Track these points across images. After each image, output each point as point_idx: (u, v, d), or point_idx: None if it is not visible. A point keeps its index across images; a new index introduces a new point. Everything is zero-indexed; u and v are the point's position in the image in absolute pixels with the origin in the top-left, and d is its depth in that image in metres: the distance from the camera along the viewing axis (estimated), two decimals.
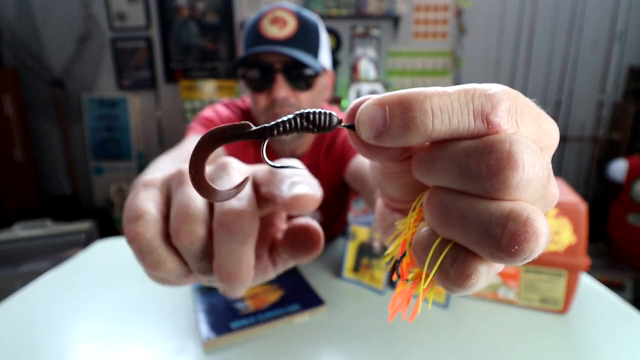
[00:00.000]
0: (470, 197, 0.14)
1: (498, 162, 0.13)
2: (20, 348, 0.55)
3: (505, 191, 0.13)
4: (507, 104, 0.14)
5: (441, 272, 0.15)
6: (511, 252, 0.13)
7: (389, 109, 0.15)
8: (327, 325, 0.60)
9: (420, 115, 0.14)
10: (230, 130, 0.17)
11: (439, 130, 0.14)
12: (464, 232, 0.14)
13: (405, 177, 0.19)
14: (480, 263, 0.15)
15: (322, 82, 0.78)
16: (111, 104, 2.81)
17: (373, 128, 0.15)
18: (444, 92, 0.14)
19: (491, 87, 0.14)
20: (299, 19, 0.72)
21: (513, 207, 0.13)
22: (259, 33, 0.71)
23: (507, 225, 0.13)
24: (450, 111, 0.14)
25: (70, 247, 1.84)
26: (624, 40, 2.59)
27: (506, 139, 0.13)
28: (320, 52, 0.74)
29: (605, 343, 0.55)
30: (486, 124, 0.14)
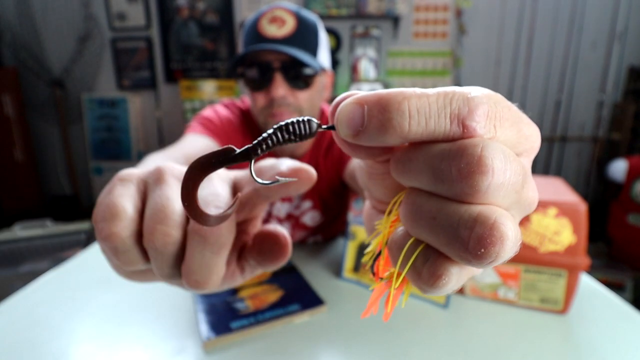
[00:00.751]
0: (441, 199, 0.15)
1: (468, 166, 0.13)
2: (20, 348, 0.55)
3: (474, 195, 0.14)
4: (485, 108, 0.14)
5: (414, 272, 0.16)
6: (477, 254, 0.13)
7: (367, 108, 0.15)
8: (327, 325, 0.60)
9: (397, 116, 0.14)
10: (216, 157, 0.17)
11: (415, 132, 0.14)
12: (434, 234, 0.15)
13: (388, 179, 0.19)
14: (451, 264, 0.15)
15: (321, 82, 0.78)
16: (111, 104, 2.81)
17: (351, 127, 0.15)
18: (423, 94, 0.14)
19: (471, 91, 0.14)
20: (297, 19, 0.72)
21: (481, 210, 0.13)
22: (257, 32, 0.71)
23: (474, 228, 0.13)
24: (428, 113, 0.14)
25: (70, 247, 1.84)
26: (624, 41, 2.59)
27: (478, 144, 0.13)
28: (319, 51, 0.74)
29: (605, 343, 0.55)
30: (462, 127, 0.14)
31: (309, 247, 0.88)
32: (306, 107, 0.74)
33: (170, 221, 0.20)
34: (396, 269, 0.17)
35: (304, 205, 0.87)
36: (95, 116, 2.83)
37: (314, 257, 0.83)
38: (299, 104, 0.73)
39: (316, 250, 0.86)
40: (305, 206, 0.87)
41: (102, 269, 0.78)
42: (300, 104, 0.73)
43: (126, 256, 0.21)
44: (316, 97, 0.77)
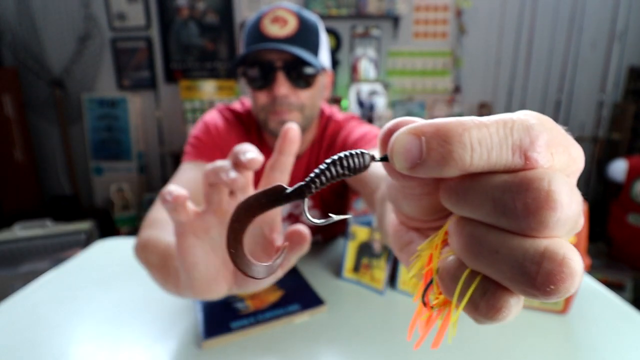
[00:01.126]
0: (503, 233, 0.14)
1: (536, 201, 0.13)
2: (20, 348, 0.55)
3: (542, 231, 0.13)
4: (545, 137, 0.14)
5: (470, 304, 0.15)
6: (546, 290, 0.13)
7: (425, 140, 0.14)
8: (327, 325, 0.60)
9: (459, 148, 0.14)
10: (266, 196, 0.16)
11: (477, 165, 0.14)
12: (496, 268, 0.14)
13: (425, 199, 0.19)
14: (511, 296, 0.14)
15: (322, 81, 0.78)
16: (111, 104, 2.81)
17: (408, 160, 0.15)
18: (482, 124, 0.14)
19: (528, 118, 0.14)
20: (299, 19, 0.72)
21: (548, 245, 0.13)
22: (260, 32, 0.71)
23: (542, 264, 0.13)
24: (490, 145, 0.14)
25: (70, 247, 1.84)
26: (624, 41, 2.59)
27: (544, 177, 0.13)
28: (320, 51, 0.74)
29: (605, 343, 0.55)
30: (524, 158, 0.14)
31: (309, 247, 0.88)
32: (308, 105, 0.75)
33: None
34: (454, 300, 0.16)
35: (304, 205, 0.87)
36: (95, 116, 2.83)
37: (314, 257, 0.83)
38: (301, 102, 0.73)
39: (316, 250, 0.86)
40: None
41: (102, 269, 0.78)
42: (302, 102, 0.73)
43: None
44: (317, 96, 0.77)
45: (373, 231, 0.73)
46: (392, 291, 0.69)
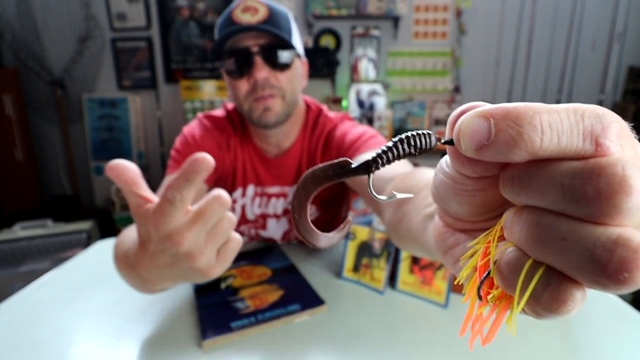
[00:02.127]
0: (571, 220, 0.14)
1: (610, 186, 0.12)
2: (20, 348, 0.55)
3: (615, 217, 0.13)
4: (617, 126, 0.14)
5: (532, 296, 0.15)
6: (619, 279, 0.12)
7: (494, 121, 0.14)
8: (327, 325, 0.60)
9: (529, 130, 0.13)
10: (332, 169, 0.17)
11: (546, 148, 0.14)
12: (563, 256, 0.14)
13: (478, 195, 0.18)
14: (577, 288, 0.14)
15: (299, 67, 0.79)
16: (111, 104, 2.82)
17: (475, 140, 0.14)
18: (553, 109, 0.14)
19: (598, 108, 0.14)
20: (269, 8, 0.74)
21: (622, 232, 0.13)
22: (232, 21, 0.73)
23: (615, 251, 0.12)
24: (560, 129, 0.13)
25: (71, 247, 1.84)
26: (624, 41, 2.59)
27: (618, 163, 0.13)
28: (292, 38, 0.75)
29: (605, 343, 0.55)
30: (595, 145, 0.14)
31: (309, 247, 0.88)
32: (288, 89, 0.76)
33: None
34: (517, 293, 0.15)
35: None
36: (96, 116, 2.83)
37: (314, 257, 0.83)
38: (281, 85, 0.74)
39: (316, 250, 0.86)
40: None
41: (102, 269, 0.78)
42: (282, 85, 0.74)
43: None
44: (296, 81, 0.78)
45: (373, 231, 0.74)
46: (392, 291, 0.69)
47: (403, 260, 0.69)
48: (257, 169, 0.85)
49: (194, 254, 0.35)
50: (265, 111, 0.75)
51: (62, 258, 1.70)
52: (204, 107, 2.68)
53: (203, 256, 0.35)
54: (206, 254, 0.36)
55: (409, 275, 0.68)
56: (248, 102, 0.75)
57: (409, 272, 0.68)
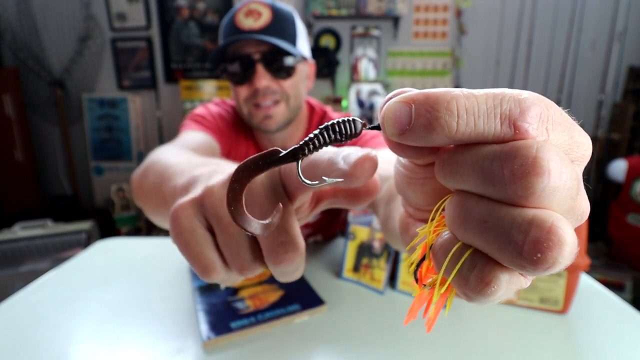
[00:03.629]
0: (492, 202, 0.14)
1: (522, 167, 0.13)
2: (20, 348, 0.55)
3: (528, 198, 0.13)
4: (538, 110, 0.14)
5: (460, 278, 0.15)
6: (533, 259, 0.13)
7: (414, 107, 0.14)
8: (327, 325, 0.60)
9: (446, 115, 0.14)
10: (262, 159, 0.17)
11: (463, 132, 0.14)
12: (484, 238, 0.14)
13: (429, 184, 0.19)
14: (501, 271, 0.14)
15: (303, 70, 0.78)
16: (111, 104, 2.81)
17: (397, 125, 0.15)
18: (471, 94, 0.14)
19: (522, 93, 0.14)
20: (272, 10, 0.72)
21: (537, 213, 0.13)
22: (234, 26, 0.72)
23: (529, 232, 0.13)
24: (477, 113, 0.14)
25: (70, 247, 1.84)
26: (624, 41, 2.59)
27: (533, 145, 0.13)
28: (297, 41, 0.74)
29: (605, 343, 0.55)
30: (513, 128, 0.14)
31: (309, 247, 0.88)
32: (292, 95, 0.75)
33: (249, 264, 0.23)
34: (440, 275, 0.16)
35: None
36: (96, 116, 2.83)
37: (314, 257, 0.83)
38: (284, 92, 0.74)
39: (316, 250, 0.86)
40: None
41: (102, 269, 0.78)
42: (285, 90, 0.74)
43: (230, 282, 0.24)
44: (300, 85, 0.77)
45: (373, 231, 0.73)
46: (392, 291, 0.69)
47: (403, 261, 0.69)
48: None
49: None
50: (265, 119, 0.75)
51: (62, 258, 1.69)
52: None
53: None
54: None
55: (409, 275, 0.68)
56: (248, 107, 0.75)
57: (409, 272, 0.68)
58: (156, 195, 0.40)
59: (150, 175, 0.44)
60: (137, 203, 0.51)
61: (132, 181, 0.51)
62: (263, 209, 0.22)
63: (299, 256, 0.22)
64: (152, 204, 0.44)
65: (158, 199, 0.40)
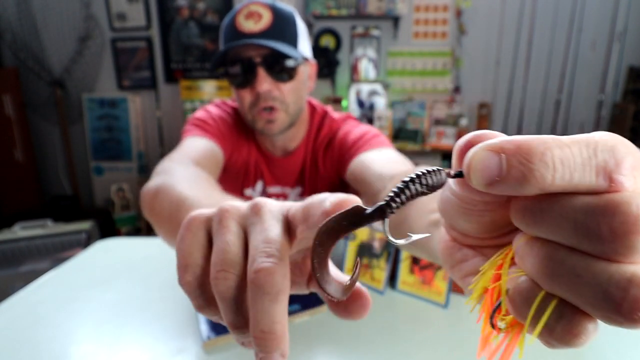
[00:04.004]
0: (585, 256, 0.13)
1: (624, 225, 0.12)
2: (20, 348, 0.55)
3: (629, 256, 0.13)
4: (632, 160, 0.13)
5: (545, 328, 0.15)
6: (634, 318, 0.12)
7: (505, 157, 0.14)
8: (327, 325, 0.60)
9: (541, 167, 0.13)
10: (347, 219, 0.16)
11: (558, 185, 0.13)
12: (577, 292, 0.13)
13: (487, 215, 0.18)
14: (590, 322, 0.14)
15: (305, 72, 0.78)
16: (111, 104, 2.81)
17: (486, 177, 0.14)
18: (565, 143, 0.13)
19: (610, 139, 0.14)
20: (273, 11, 0.72)
21: (636, 271, 0.13)
22: (235, 29, 0.71)
23: (629, 289, 0.12)
24: (573, 165, 0.13)
25: (70, 247, 1.84)
26: (624, 41, 2.59)
27: (632, 201, 0.13)
28: (299, 42, 0.74)
29: (605, 343, 0.55)
30: (608, 181, 0.13)
31: None
32: (292, 99, 0.75)
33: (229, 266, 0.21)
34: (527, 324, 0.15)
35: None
36: (96, 116, 2.83)
37: None
38: (284, 96, 0.74)
39: None
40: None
41: (102, 269, 0.78)
42: (285, 98, 0.74)
43: (197, 302, 0.22)
44: (301, 88, 0.77)
45: (373, 231, 0.73)
46: (392, 291, 0.69)
47: (403, 261, 0.69)
48: (261, 167, 0.86)
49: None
50: (268, 123, 0.75)
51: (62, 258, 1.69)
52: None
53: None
54: None
55: (409, 275, 0.68)
56: (252, 113, 0.75)
57: (409, 272, 0.68)
58: (171, 223, 0.42)
59: (165, 201, 0.46)
60: (146, 218, 0.53)
61: (143, 198, 0.53)
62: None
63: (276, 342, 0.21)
64: (166, 228, 0.45)
65: (173, 226, 0.42)
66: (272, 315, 0.20)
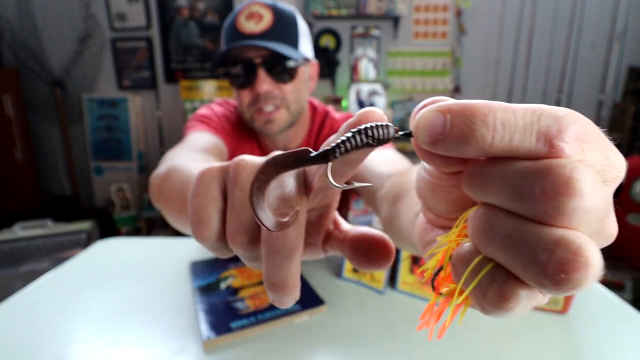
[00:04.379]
0: (519, 219, 0.14)
1: (555, 186, 0.13)
2: (20, 348, 0.55)
3: (558, 217, 0.13)
4: (576, 129, 0.14)
5: (478, 291, 0.15)
6: (556, 279, 0.12)
7: (450, 117, 0.14)
8: (327, 325, 0.60)
9: (482, 127, 0.14)
10: (292, 157, 0.17)
11: (497, 146, 0.14)
12: (508, 254, 0.14)
13: (453, 192, 0.19)
14: (521, 287, 0.14)
15: (306, 72, 0.78)
16: (111, 104, 2.81)
17: (430, 134, 0.15)
18: (509, 108, 0.14)
19: (561, 110, 0.14)
20: (274, 12, 0.72)
21: (564, 234, 0.13)
22: (236, 30, 0.71)
23: (555, 251, 0.13)
24: (513, 128, 0.14)
25: (70, 247, 1.84)
26: (624, 41, 2.59)
27: (567, 164, 0.13)
28: (299, 42, 0.74)
29: (605, 343, 0.55)
30: (549, 146, 0.13)
31: None
32: (292, 99, 0.75)
33: (243, 228, 0.21)
34: (459, 286, 0.16)
35: None
36: (96, 116, 2.83)
37: None
38: (285, 96, 0.74)
39: None
40: None
41: (102, 269, 0.78)
42: (286, 96, 0.74)
43: (219, 252, 0.22)
44: (302, 88, 0.77)
45: None
46: (392, 291, 0.69)
47: (403, 260, 0.69)
48: None
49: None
50: (267, 123, 0.75)
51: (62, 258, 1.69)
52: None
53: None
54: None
55: (409, 275, 0.68)
56: (250, 112, 0.75)
57: (409, 272, 0.68)
58: (180, 202, 0.42)
59: (175, 181, 0.45)
60: (156, 205, 0.53)
61: (152, 184, 0.53)
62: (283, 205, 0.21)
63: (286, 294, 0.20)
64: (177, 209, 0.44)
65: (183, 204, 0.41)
66: (284, 271, 0.20)
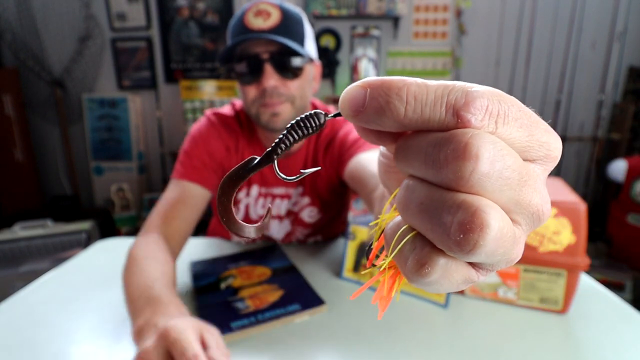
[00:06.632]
0: (430, 186, 0.15)
1: (454, 151, 0.13)
2: (20, 348, 0.55)
3: (458, 181, 0.14)
4: (483, 102, 0.14)
5: (401, 259, 0.16)
6: (457, 240, 0.13)
7: (369, 91, 0.15)
8: (327, 325, 0.60)
9: (395, 100, 0.15)
10: (242, 169, 0.19)
11: (410, 118, 0.15)
12: (420, 219, 0.15)
13: (400, 173, 0.20)
14: (437, 254, 0.15)
15: (310, 72, 0.78)
16: (111, 104, 2.81)
17: (352, 107, 0.16)
18: (424, 83, 0.15)
19: (474, 86, 0.15)
20: (282, 11, 0.73)
21: (466, 197, 0.14)
22: (244, 25, 0.72)
23: (457, 213, 0.13)
24: (424, 101, 0.14)
25: (70, 247, 1.84)
26: (624, 41, 2.59)
27: (468, 132, 0.14)
28: (305, 42, 0.75)
29: (605, 343, 0.55)
30: (457, 118, 0.14)
31: (309, 247, 0.88)
32: (298, 95, 0.75)
33: None
34: (389, 258, 0.17)
35: (302, 202, 0.88)
36: (96, 116, 2.83)
37: (314, 257, 0.83)
38: (290, 93, 0.74)
39: (316, 250, 0.86)
40: (304, 202, 0.88)
41: (102, 269, 0.78)
42: (291, 93, 0.74)
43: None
44: (307, 87, 0.77)
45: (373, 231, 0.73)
46: None
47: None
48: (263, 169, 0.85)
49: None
50: (272, 116, 0.75)
51: (62, 258, 1.69)
52: (204, 107, 2.68)
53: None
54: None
55: None
56: (256, 107, 0.75)
57: None
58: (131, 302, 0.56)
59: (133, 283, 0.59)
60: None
61: (127, 254, 0.66)
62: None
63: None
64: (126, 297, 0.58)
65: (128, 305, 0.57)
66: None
